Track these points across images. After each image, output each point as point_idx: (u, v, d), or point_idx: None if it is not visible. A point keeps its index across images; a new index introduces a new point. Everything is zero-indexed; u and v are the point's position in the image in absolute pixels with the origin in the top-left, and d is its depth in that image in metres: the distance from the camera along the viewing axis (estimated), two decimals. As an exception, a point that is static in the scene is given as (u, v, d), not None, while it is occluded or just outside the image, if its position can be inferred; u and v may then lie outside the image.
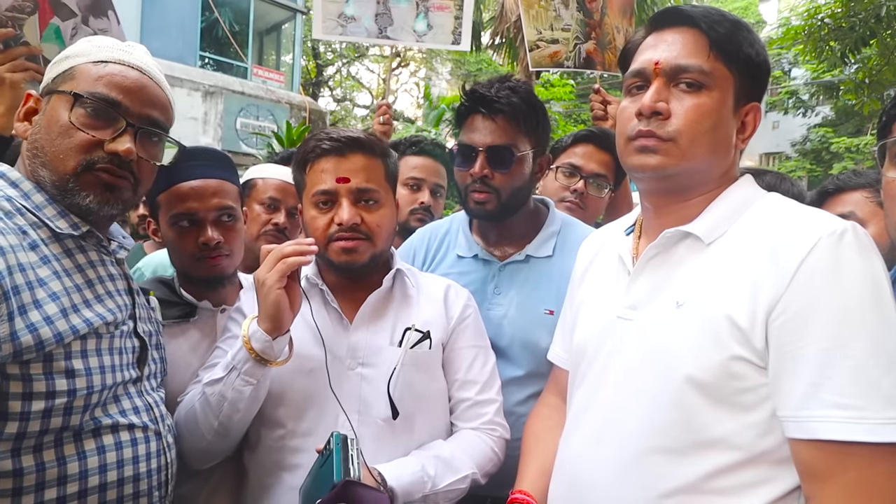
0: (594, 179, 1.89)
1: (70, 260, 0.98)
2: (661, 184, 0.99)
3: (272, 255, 1.10)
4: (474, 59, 16.29)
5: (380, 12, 2.15)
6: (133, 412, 1.02)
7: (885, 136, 0.94)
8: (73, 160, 0.97)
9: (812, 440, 0.80)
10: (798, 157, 19.40)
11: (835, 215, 1.34)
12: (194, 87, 10.26)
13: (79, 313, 0.94)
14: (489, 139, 1.40)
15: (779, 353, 0.83)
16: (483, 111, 1.41)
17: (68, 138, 0.97)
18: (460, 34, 2.14)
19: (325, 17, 2.16)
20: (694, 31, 0.95)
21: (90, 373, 0.93)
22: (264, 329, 1.10)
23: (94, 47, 1.04)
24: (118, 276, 1.08)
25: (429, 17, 2.13)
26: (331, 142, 1.23)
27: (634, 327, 0.99)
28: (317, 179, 1.23)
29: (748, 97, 0.97)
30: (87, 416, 0.93)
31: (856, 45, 6.14)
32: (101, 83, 1.00)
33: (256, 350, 1.10)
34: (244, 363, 1.11)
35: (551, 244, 1.51)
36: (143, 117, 1.03)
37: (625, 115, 1.00)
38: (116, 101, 1.00)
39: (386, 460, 1.18)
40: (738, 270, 0.89)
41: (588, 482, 0.98)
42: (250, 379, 1.12)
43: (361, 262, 1.23)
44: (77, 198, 0.98)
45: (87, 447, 0.93)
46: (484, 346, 1.37)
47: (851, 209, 1.46)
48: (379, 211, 1.24)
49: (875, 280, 0.81)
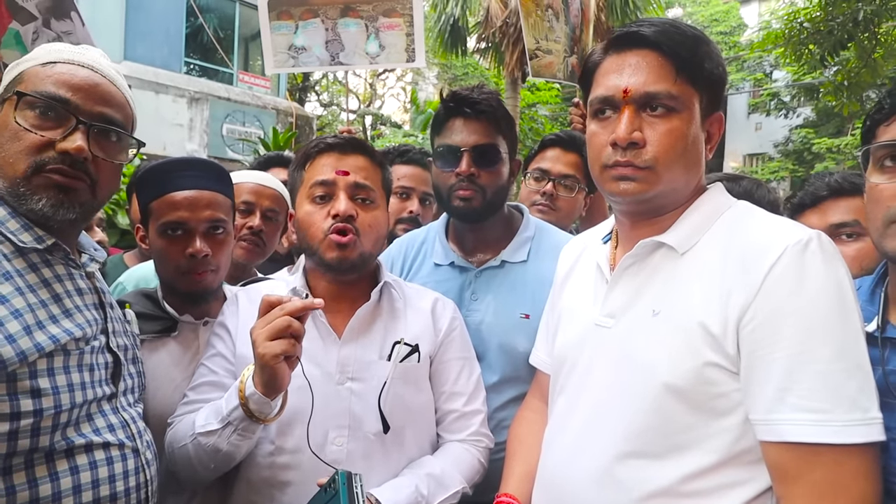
0: (563, 180, 1.93)
1: (35, 275, 0.94)
2: (640, 206, 1.01)
3: (274, 325, 1.02)
4: (461, 64, 16.34)
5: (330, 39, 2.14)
6: (108, 430, 0.99)
7: (868, 141, 0.96)
8: (22, 163, 0.93)
9: (781, 442, 0.83)
10: (781, 157, 19.67)
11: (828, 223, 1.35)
12: (179, 93, 10.19)
13: (44, 330, 0.91)
14: (473, 139, 1.44)
15: (749, 359, 0.86)
16: (467, 112, 1.45)
17: (17, 141, 0.94)
18: (414, 51, 2.14)
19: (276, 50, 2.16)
20: (656, 55, 0.96)
21: (58, 391, 0.90)
22: (261, 392, 1.06)
23: (46, 52, 1.01)
24: (88, 289, 1.04)
25: (379, 37, 2.12)
26: (334, 139, 1.27)
27: (613, 335, 1.01)
28: (316, 171, 1.24)
29: (711, 108, 1.00)
30: (57, 435, 0.90)
31: (834, 48, 6.25)
32: (49, 82, 0.96)
33: (253, 411, 1.08)
34: (240, 421, 1.09)
35: (526, 249, 1.54)
36: (95, 115, 0.99)
37: (597, 141, 1.01)
38: (65, 99, 0.96)
39: (377, 474, 1.19)
40: (711, 279, 0.92)
41: (569, 488, 1.00)
42: (247, 434, 1.11)
43: (352, 260, 1.22)
44: (30, 202, 0.94)
45: (60, 468, 0.90)
46: (470, 358, 1.39)
47: (854, 218, 1.35)
48: (373, 211, 1.25)
49: (839, 287, 0.84)
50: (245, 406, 1.07)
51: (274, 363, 1.02)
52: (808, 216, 1.43)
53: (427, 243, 1.66)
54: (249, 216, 1.74)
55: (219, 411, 1.12)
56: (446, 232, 1.62)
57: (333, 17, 2.10)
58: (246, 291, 1.37)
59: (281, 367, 1.04)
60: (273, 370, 1.03)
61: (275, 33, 2.13)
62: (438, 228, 1.64)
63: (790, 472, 0.83)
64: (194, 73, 11.20)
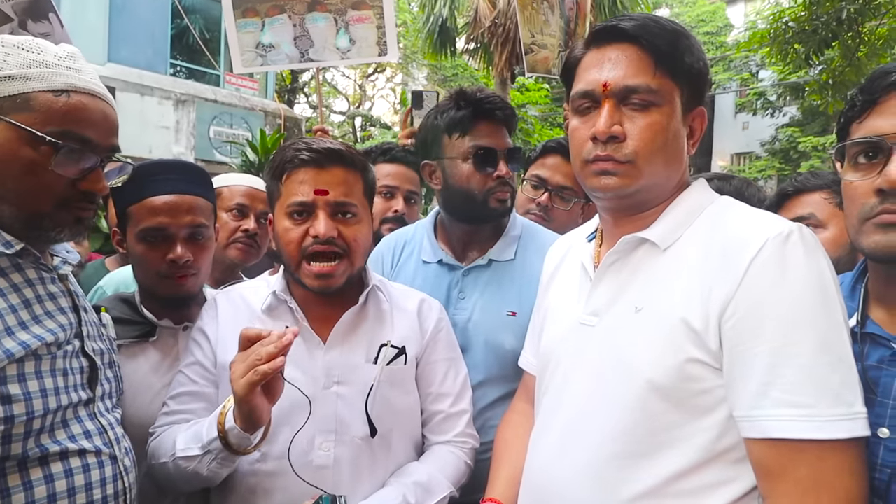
0: (560, 192, 1.88)
1: (3, 280, 0.93)
2: (622, 202, 1.00)
3: (249, 362, 0.99)
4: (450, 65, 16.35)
5: (298, 35, 2.08)
6: (84, 436, 0.97)
7: (843, 139, 0.96)
8: (47, 200, 0.95)
9: (765, 439, 0.82)
10: (767, 156, 19.87)
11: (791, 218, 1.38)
12: (165, 95, 10.10)
13: (13, 336, 0.89)
14: (506, 142, 1.51)
15: (732, 354, 0.85)
16: (498, 115, 1.50)
17: (37, 177, 0.93)
18: (385, 44, 2.08)
19: (243, 49, 2.11)
20: (636, 49, 0.95)
21: (30, 397, 0.89)
22: (241, 427, 1.04)
23: (42, 66, 0.95)
24: (60, 293, 1.02)
25: (350, 31, 2.06)
26: (310, 153, 1.18)
27: (596, 333, 1.00)
28: (293, 190, 1.18)
29: (693, 103, 0.99)
30: (30, 443, 0.89)
31: (819, 48, 6.31)
32: (70, 121, 0.95)
33: (233, 444, 1.06)
34: (219, 451, 1.07)
35: (513, 248, 1.54)
36: (108, 148, 1.02)
37: (578, 136, 1.00)
38: (88, 139, 0.97)
39: (364, 479, 1.17)
40: (692, 274, 0.91)
41: (555, 490, 0.99)
42: (227, 463, 1.10)
43: (337, 286, 1.19)
44: (51, 233, 0.98)
45: (34, 476, 0.89)
46: (456, 358, 1.37)
47: (811, 211, 1.47)
48: (356, 226, 1.21)
49: (821, 279, 0.83)
50: (224, 439, 1.05)
51: (250, 398, 0.99)
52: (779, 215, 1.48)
53: (415, 241, 1.65)
54: (244, 219, 1.76)
55: (199, 437, 1.09)
56: (435, 230, 1.62)
57: (301, 11, 2.04)
58: (226, 293, 1.34)
59: (259, 403, 1.01)
60: (251, 406, 1.00)
61: (241, 31, 2.07)
62: (427, 226, 1.63)
63: (774, 469, 0.82)
64: (180, 74, 11.10)
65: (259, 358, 0.98)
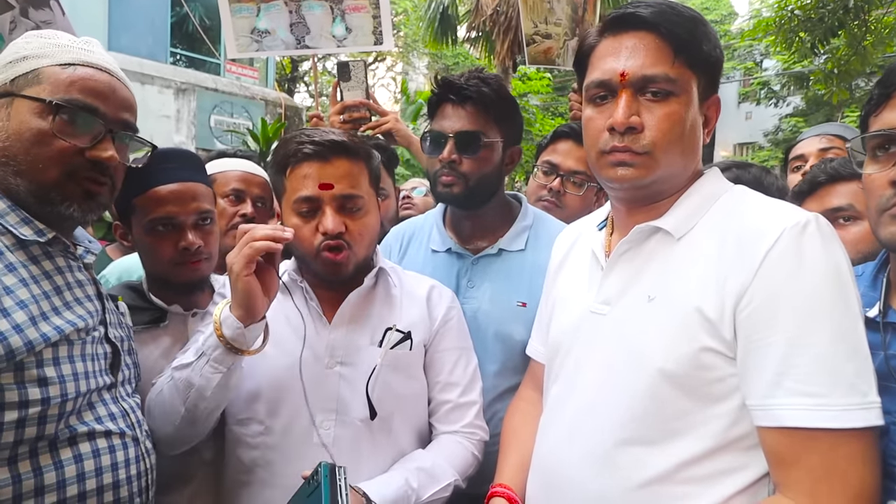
0: (572, 177, 1.83)
1: (37, 267, 0.96)
2: (637, 192, 0.99)
3: (244, 238, 1.06)
4: (451, 53, 16.27)
5: (294, 22, 2.05)
6: (109, 418, 1.00)
7: (864, 131, 0.96)
8: (54, 170, 0.96)
9: (778, 427, 0.82)
10: (771, 146, 19.79)
11: (825, 208, 1.35)
12: (165, 84, 10.05)
13: (48, 321, 0.92)
14: (458, 125, 1.43)
15: (746, 344, 0.85)
16: (453, 99, 1.44)
17: (46, 147, 0.95)
18: (381, 33, 2.06)
19: (238, 34, 2.07)
20: (654, 37, 0.93)
21: (63, 380, 0.92)
22: (236, 316, 1.06)
23: (55, 46, 1.00)
24: (87, 281, 1.05)
25: (346, 19, 2.04)
26: (313, 146, 1.17)
27: (608, 322, 1.00)
28: (298, 185, 1.18)
29: (709, 91, 0.98)
30: (62, 424, 0.92)
31: (825, 36, 6.26)
32: (75, 89, 0.97)
33: (227, 337, 1.06)
34: (214, 349, 1.07)
35: (524, 238, 1.53)
36: (118, 121, 1.02)
37: (594, 126, 0.98)
38: (94, 108, 0.98)
39: (364, 461, 1.18)
40: (707, 263, 0.90)
41: (564, 476, 0.99)
42: (219, 367, 1.08)
43: (346, 273, 1.21)
44: (60, 207, 0.97)
45: (64, 456, 0.92)
46: (467, 347, 1.37)
47: (849, 201, 1.36)
48: (363, 219, 1.21)
49: (837, 270, 0.83)
50: (219, 332, 1.07)
51: (245, 273, 1.03)
52: (808, 203, 1.43)
53: (424, 229, 1.65)
54: (240, 204, 1.73)
55: (196, 346, 1.12)
56: (444, 219, 1.61)
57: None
58: None
59: (254, 286, 1.05)
60: (246, 287, 1.04)
61: (235, 16, 2.04)
62: (437, 215, 1.63)
63: (787, 457, 0.82)
64: (180, 63, 11.05)
65: (254, 237, 1.04)
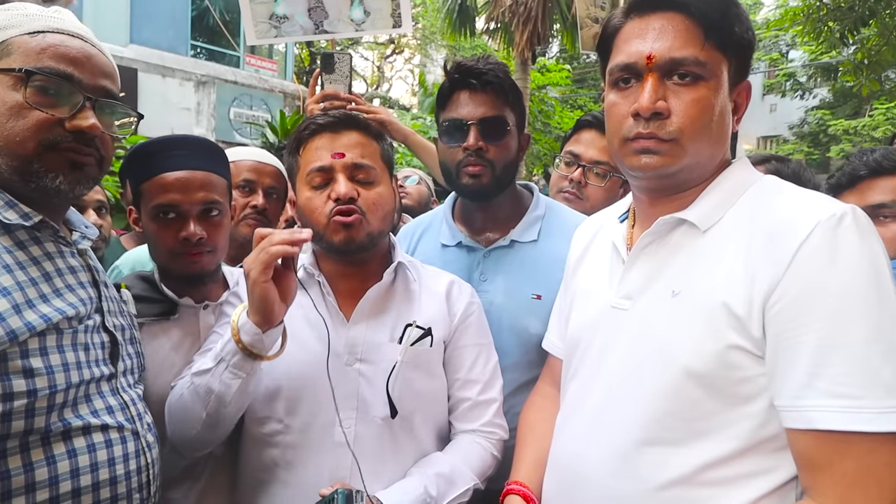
0: (595, 167, 1.76)
1: (23, 252, 0.91)
2: (662, 182, 0.95)
3: (261, 244, 1.03)
4: (469, 45, 16.12)
5: (312, 6, 2.04)
6: (107, 412, 0.96)
7: None
8: (31, 141, 0.90)
9: (810, 430, 0.78)
10: (796, 139, 19.38)
11: (865, 204, 1.28)
12: (186, 76, 10.16)
13: (35, 309, 0.87)
14: (481, 111, 1.38)
15: (776, 342, 0.81)
16: (473, 84, 1.39)
17: (22, 119, 0.90)
18: (400, 16, 2.03)
19: (256, 20, 2.06)
20: (683, 17, 0.89)
21: (52, 371, 0.87)
22: (254, 321, 1.04)
23: (23, 17, 0.94)
24: (80, 267, 1.01)
25: (364, 2, 2.02)
26: (325, 118, 1.21)
27: (629, 317, 0.97)
28: (311, 157, 1.19)
29: (740, 76, 0.94)
30: (53, 417, 0.87)
31: (855, 26, 6.09)
32: (46, 56, 0.91)
33: (245, 343, 1.05)
34: (233, 356, 1.06)
35: (536, 228, 1.49)
36: (97, 89, 0.96)
37: (617, 112, 0.95)
38: (68, 74, 0.92)
39: (386, 460, 1.16)
40: (735, 257, 0.87)
41: (583, 475, 0.97)
42: (239, 372, 1.07)
43: (359, 240, 1.18)
44: (45, 180, 0.92)
45: (57, 451, 0.88)
46: (487, 344, 1.34)
47: (892, 198, 1.32)
48: (375, 189, 1.20)
49: (875, 265, 0.78)
50: (237, 338, 1.06)
51: (262, 280, 1.01)
52: (846, 197, 1.37)
53: (434, 225, 1.62)
54: (252, 194, 1.72)
55: (214, 352, 1.11)
56: (453, 212, 1.58)
57: None
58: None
59: (271, 292, 1.03)
60: (263, 292, 1.02)
61: (254, 2, 2.03)
62: (445, 209, 1.59)
63: (818, 461, 0.78)
64: (201, 56, 11.15)
65: (271, 242, 1.02)
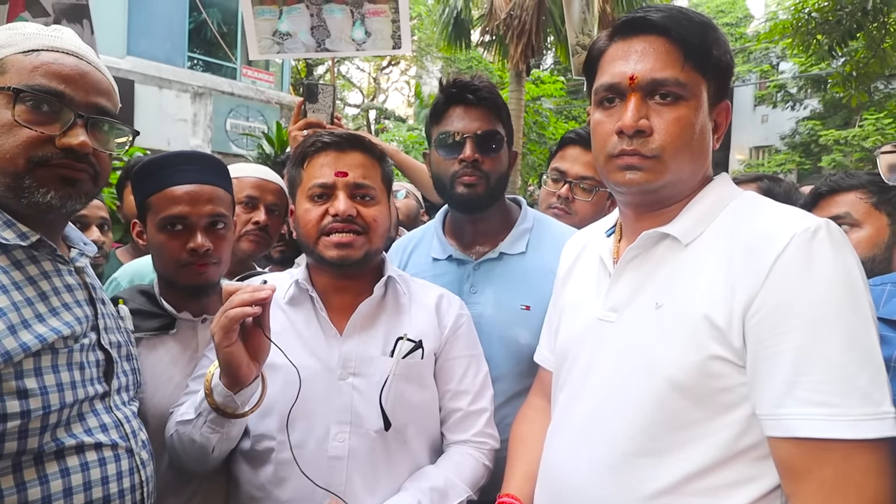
0: (581, 182, 1.81)
1: (20, 272, 0.91)
2: (645, 197, 0.99)
3: (220, 310, 1.03)
4: (464, 57, 16.26)
5: (315, 25, 2.09)
6: (100, 430, 0.96)
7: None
8: (21, 158, 0.90)
9: (790, 438, 0.80)
10: (787, 150, 19.54)
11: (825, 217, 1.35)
12: (183, 88, 10.20)
13: (30, 329, 0.87)
14: (476, 125, 1.43)
15: (756, 352, 0.84)
16: (469, 99, 1.44)
17: (12, 136, 0.90)
18: (400, 37, 2.10)
19: (260, 36, 2.11)
20: (664, 41, 0.93)
21: (46, 392, 0.87)
22: (223, 383, 1.05)
23: (20, 36, 0.94)
24: (77, 285, 1.01)
25: (365, 23, 2.08)
26: (331, 137, 1.25)
27: (615, 329, 0.99)
28: (315, 173, 1.23)
29: (719, 97, 0.98)
30: (46, 437, 0.87)
31: (843, 39, 6.18)
32: (39, 74, 0.91)
33: (218, 403, 1.06)
34: (208, 413, 1.08)
35: (524, 241, 1.52)
36: (90, 106, 0.96)
37: (602, 130, 0.98)
38: (59, 92, 0.92)
39: (381, 473, 1.18)
40: (715, 270, 0.89)
41: (572, 487, 0.99)
42: (217, 428, 1.09)
43: (356, 259, 1.21)
44: (36, 195, 0.91)
45: (50, 470, 0.87)
46: (476, 355, 1.36)
47: (847, 210, 1.45)
48: (375, 206, 1.24)
49: (849, 276, 0.81)
50: (210, 397, 1.07)
51: (225, 345, 1.01)
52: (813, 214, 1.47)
53: (425, 239, 1.65)
54: (254, 211, 1.74)
55: (195, 401, 1.12)
56: (444, 226, 1.61)
57: (318, 2, 2.06)
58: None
59: (237, 355, 1.03)
60: (228, 356, 1.02)
61: (258, 18, 2.09)
62: (436, 223, 1.62)
63: (799, 468, 0.80)
64: (197, 67, 11.19)
65: (231, 305, 1.01)
